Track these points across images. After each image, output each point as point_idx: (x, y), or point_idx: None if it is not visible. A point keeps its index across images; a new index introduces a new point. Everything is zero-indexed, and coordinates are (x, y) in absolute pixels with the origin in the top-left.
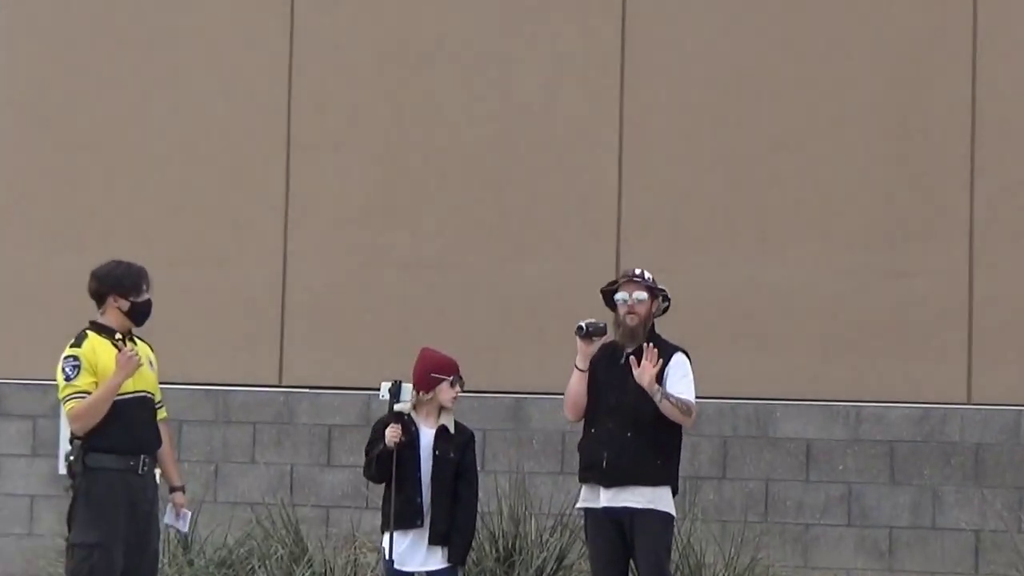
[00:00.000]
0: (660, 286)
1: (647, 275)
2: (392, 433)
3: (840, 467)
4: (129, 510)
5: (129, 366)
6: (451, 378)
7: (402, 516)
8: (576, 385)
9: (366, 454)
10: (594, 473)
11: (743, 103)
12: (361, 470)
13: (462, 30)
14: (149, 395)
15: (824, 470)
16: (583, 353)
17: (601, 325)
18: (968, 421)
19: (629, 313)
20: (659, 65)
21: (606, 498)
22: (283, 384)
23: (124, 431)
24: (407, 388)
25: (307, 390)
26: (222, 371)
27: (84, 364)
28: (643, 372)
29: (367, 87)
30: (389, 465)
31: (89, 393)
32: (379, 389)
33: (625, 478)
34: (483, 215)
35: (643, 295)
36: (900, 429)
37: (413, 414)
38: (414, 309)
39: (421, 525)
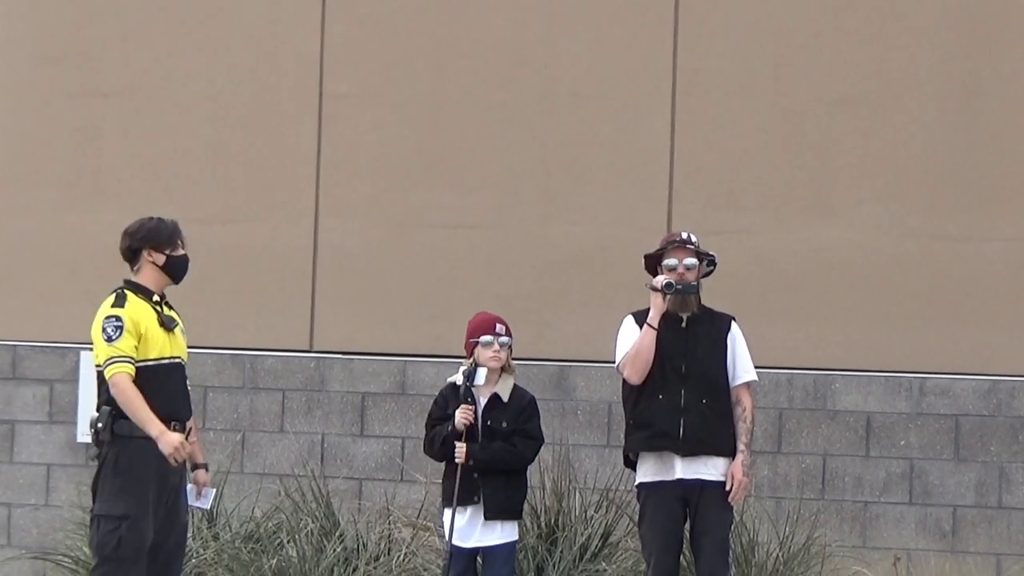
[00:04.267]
0: (707, 251)
1: (693, 238)
2: (464, 416)
3: (902, 442)
4: (159, 481)
5: (167, 449)
6: (483, 338)
7: (462, 492)
8: (651, 345)
9: (428, 428)
10: (668, 441)
11: (803, 55)
12: (396, 440)
13: None
14: (182, 361)
15: (885, 445)
16: (659, 310)
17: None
18: None
19: (679, 280)
20: (715, 16)
21: (681, 469)
22: (314, 349)
23: (156, 398)
24: (482, 372)
25: (339, 356)
26: (250, 335)
27: (127, 325)
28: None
29: (404, 35)
30: (452, 449)
31: (131, 358)
32: (456, 369)
33: (703, 448)
34: (527, 172)
35: (693, 261)
36: (966, 402)
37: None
38: (453, 271)
39: (478, 501)
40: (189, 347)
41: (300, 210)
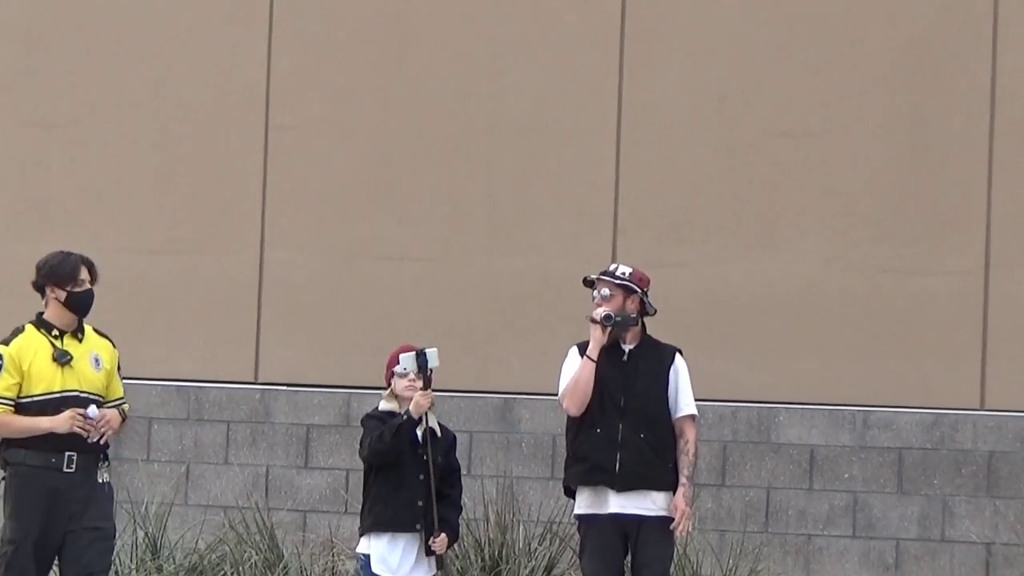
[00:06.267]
0: (630, 283)
1: (621, 271)
2: (425, 400)
3: (845, 475)
4: (50, 508)
5: (65, 426)
6: (397, 368)
7: (401, 519)
8: (589, 377)
9: (368, 435)
10: (603, 476)
11: (748, 89)
12: (340, 473)
13: (453, 8)
14: (82, 394)
15: (828, 478)
16: (598, 343)
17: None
18: (981, 428)
19: (619, 312)
20: (660, 49)
21: (616, 504)
22: (259, 381)
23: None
24: (433, 353)
25: (284, 388)
26: (194, 366)
27: (6, 364)
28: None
29: (351, 66)
30: (407, 439)
31: (6, 399)
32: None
33: (640, 482)
34: (472, 205)
35: (607, 292)
36: (909, 435)
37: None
38: (398, 304)
39: (419, 530)
40: (133, 378)
41: (245, 241)
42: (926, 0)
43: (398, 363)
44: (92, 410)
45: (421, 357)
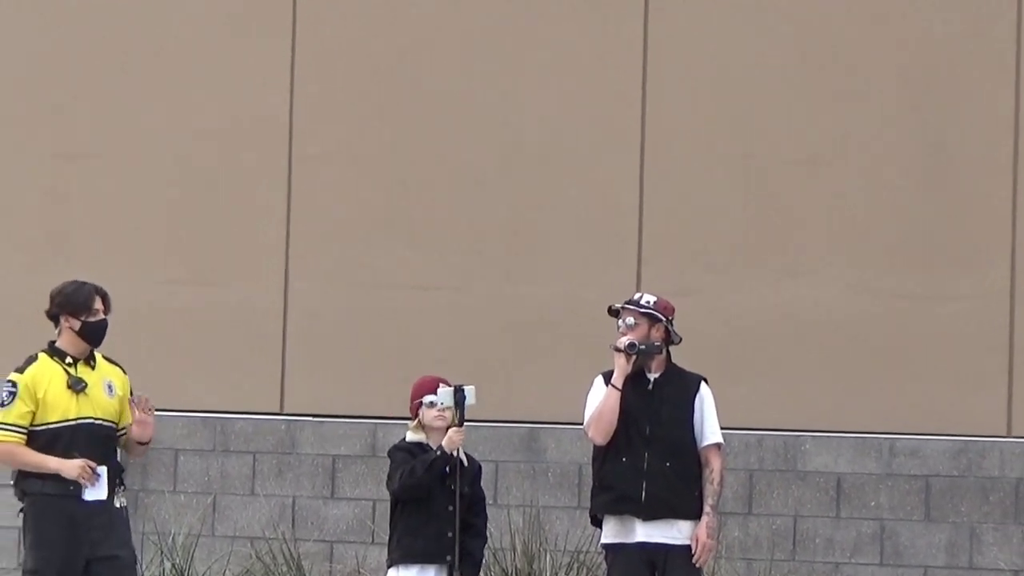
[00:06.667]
0: (655, 311)
1: (645, 299)
2: (459, 436)
3: (872, 503)
4: (70, 536)
5: (72, 474)
6: (426, 398)
7: (431, 551)
8: (614, 406)
9: (398, 469)
10: (630, 505)
11: (769, 117)
12: (367, 503)
13: (473, 38)
14: (97, 421)
15: (855, 506)
16: (623, 371)
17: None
18: (1008, 454)
19: (643, 340)
20: (682, 75)
21: (643, 533)
22: (285, 412)
23: (61, 457)
24: (471, 391)
25: (310, 418)
26: (220, 398)
27: (21, 392)
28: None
29: (373, 96)
30: (440, 474)
31: (19, 427)
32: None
33: (666, 511)
34: (496, 233)
35: (631, 320)
36: (936, 463)
37: (431, 445)
38: (423, 333)
39: (448, 561)
40: (158, 410)
41: (270, 272)
42: (947, 24)
43: (424, 393)
44: (102, 470)
45: (459, 394)
